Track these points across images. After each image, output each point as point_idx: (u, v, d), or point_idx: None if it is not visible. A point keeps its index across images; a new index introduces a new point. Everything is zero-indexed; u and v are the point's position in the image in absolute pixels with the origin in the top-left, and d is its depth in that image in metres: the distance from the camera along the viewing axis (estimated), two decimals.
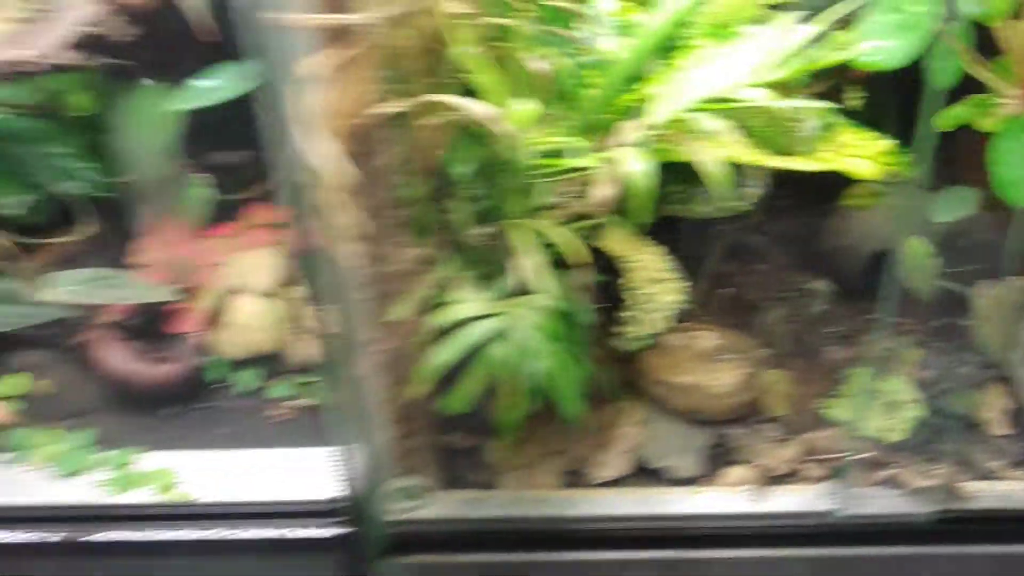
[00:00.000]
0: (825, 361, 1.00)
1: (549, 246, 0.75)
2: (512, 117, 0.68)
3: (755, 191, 0.87)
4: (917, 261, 0.85)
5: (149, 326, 1.00)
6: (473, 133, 0.72)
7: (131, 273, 1.02)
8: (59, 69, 0.97)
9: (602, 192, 0.72)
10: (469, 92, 0.70)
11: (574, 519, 0.82)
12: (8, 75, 0.96)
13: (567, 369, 0.75)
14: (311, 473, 0.83)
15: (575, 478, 0.88)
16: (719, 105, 0.71)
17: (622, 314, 0.84)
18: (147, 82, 1.06)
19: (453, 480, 0.84)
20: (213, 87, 1.00)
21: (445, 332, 0.73)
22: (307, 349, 0.99)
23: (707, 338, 0.97)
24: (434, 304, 0.74)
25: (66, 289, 0.96)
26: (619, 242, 0.82)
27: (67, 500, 0.81)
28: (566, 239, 0.74)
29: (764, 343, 1.00)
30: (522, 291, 0.76)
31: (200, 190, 1.10)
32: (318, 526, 0.78)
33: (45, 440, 0.90)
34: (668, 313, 0.86)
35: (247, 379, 0.98)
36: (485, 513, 0.81)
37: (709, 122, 0.70)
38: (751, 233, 1.06)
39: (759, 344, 1.00)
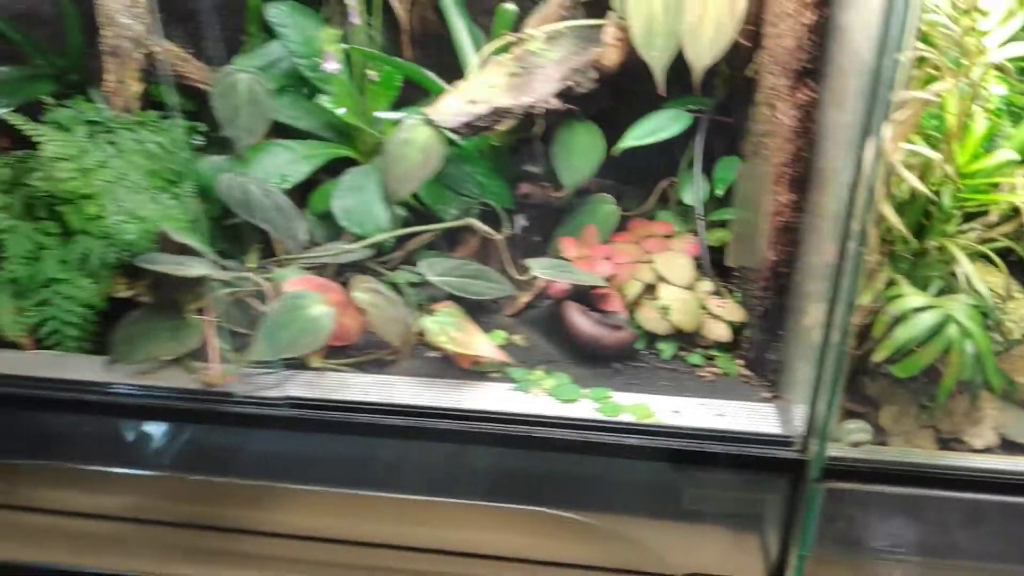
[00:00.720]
0: None
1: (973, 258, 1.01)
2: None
3: None
4: None
5: (588, 303, 1.31)
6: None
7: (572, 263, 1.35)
8: (548, 111, 1.31)
9: None
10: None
11: (963, 468, 1.06)
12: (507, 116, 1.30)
13: (989, 352, 1.00)
14: (755, 415, 1.10)
15: (953, 444, 1.12)
16: None
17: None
18: (587, 121, 1.40)
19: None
20: (653, 129, 1.32)
21: (899, 318, 0.99)
22: (715, 330, 1.27)
23: None
24: (888, 296, 1.01)
25: (539, 270, 1.28)
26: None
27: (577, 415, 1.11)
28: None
29: None
30: (949, 291, 1.02)
31: (609, 206, 1.43)
32: (775, 449, 1.05)
33: (539, 377, 1.21)
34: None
35: (669, 350, 1.28)
36: (895, 458, 1.05)
37: None
38: None
39: None
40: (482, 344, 1.18)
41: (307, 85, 1.51)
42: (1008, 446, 1.12)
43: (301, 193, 1.44)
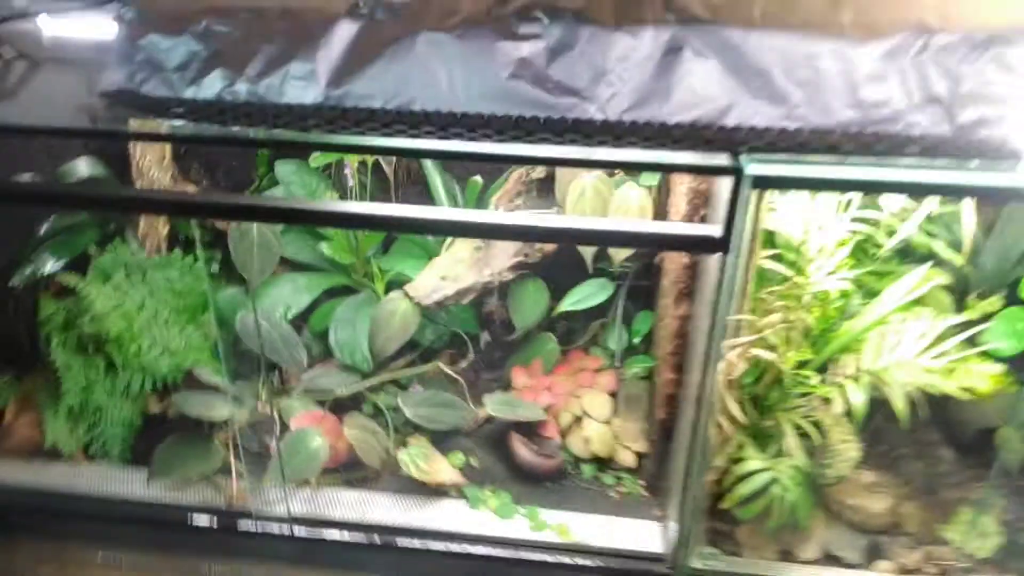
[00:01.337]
0: (944, 499, 1.61)
1: (799, 429, 1.40)
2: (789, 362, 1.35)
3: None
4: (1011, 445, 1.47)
5: (529, 427, 1.68)
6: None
7: (518, 397, 1.72)
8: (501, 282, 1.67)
9: (837, 407, 1.37)
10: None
11: None
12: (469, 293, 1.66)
13: (805, 499, 1.40)
14: (645, 534, 1.49)
15: (787, 556, 1.52)
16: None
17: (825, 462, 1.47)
18: (536, 278, 1.76)
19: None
20: (585, 295, 1.69)
21: (741, 477, 1.37)
22: (625, 457, 1.66)
23: (869, 477, 1.60)
24: (734, 458, 1.39)
25: (492, 408, 1.65)
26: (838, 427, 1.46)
27: (509, 535, 1.48)
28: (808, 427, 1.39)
29: (905, 483, 1.62)
30: (782, 454, 1.41)
31: (552, 344, 1.80)
32: (646, 566, 1.43)
33: (487, 496, 1.58)
34: (849, 463, 1.50)
35: (589, 470, 1.66)
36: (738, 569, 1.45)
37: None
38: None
39: (902, 483, 1.61)
40: (444, 471, 1.55)
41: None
42: (829, 558, 1.52)
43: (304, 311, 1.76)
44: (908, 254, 1.42)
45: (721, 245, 1.09)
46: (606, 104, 1.06)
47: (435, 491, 1.55)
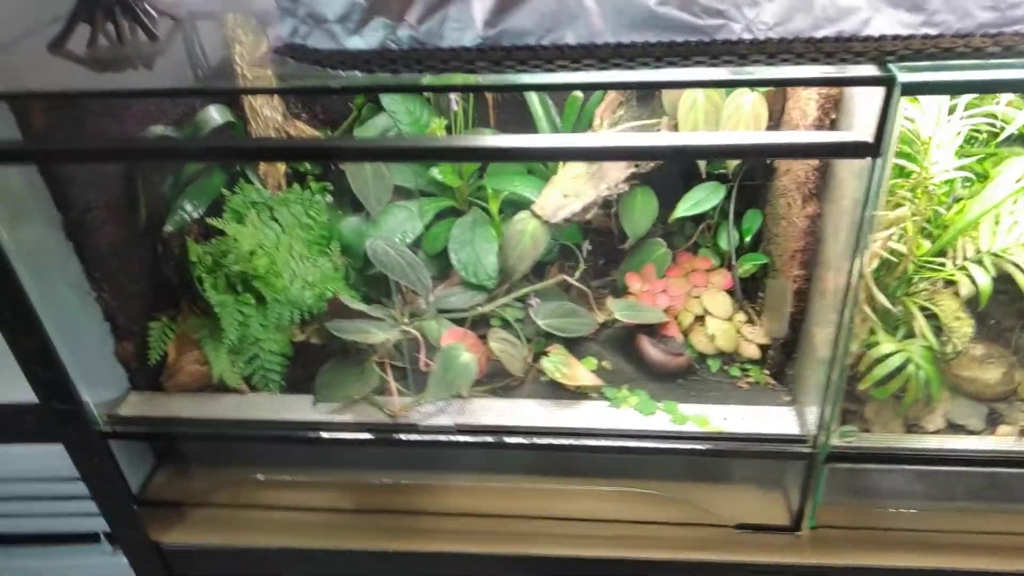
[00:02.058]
0: None
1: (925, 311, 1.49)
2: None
3: None
4: None
5: (652, 329, 1.78)
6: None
7: (636, 301, 1.81)
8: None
9: (965, 290, 1.45)
10: None
11: (922, 450, 1.57)
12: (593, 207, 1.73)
13: (935, 378, 1.49)
14: (781, 418, 1.61)
15: (914, 428, 1.63)
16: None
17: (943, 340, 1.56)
18: (645, 187, 1.83)
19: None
20: (698, 201, 1.76)
21: (877, 360, 1.47)
22: (748, 350, 1.76)
23: (980, 350, 1.69)
24: (869, 343, 1.49)
25: (619, 313, 1.75)
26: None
27: (654, 428, 1.61)
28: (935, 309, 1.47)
29: (1014, 353, 1.71)
30: (910, 335, 1.50)
31: (662, 249, 1.88)
32: (796, 446, 1.55)
33: (625, 395, 1.70)
34: (964, 338, 1.59)
35: (715, 365, 1.76)
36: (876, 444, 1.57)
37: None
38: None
39: (1011, 353, 1.71)
40: (583, 375, 1.66)
41: None
42: (952, 427, 1.63)
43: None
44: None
45: (872, 150, 1.15)
46: (752, 24, 1.10)
47: (575, 394, 1.66)
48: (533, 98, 1.89)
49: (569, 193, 1.67)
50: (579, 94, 1.85)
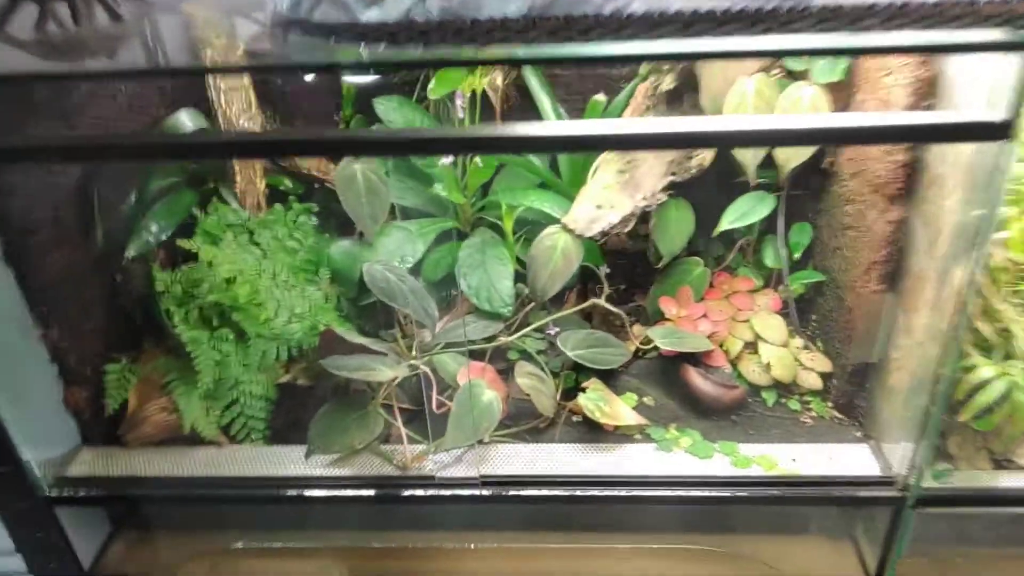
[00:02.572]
0: None
1: None
2: None
3: None
4: None
5: (695, 357, 1.55)
6: None
7: (677, 327, 1.58)
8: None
9: None
10: None
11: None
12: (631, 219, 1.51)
13: None
14: (858, 456, 1.38)
15: (1004, 463, 1.42)
16: None
17: None
18: (679, 198, 1.61)
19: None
20: (745, 211, 1.55)
21: (978, 386, 1.26)
22: (808, 380, 1.54)
23: None
24: (964, 367, 1.28)
25: (660, 342, 1.52)
26: None
27: (714, 473, 1.37)
28: None
29: None
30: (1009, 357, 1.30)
31: (700, 268, 1.66)
32: (875, 491, 1.33)
33: (675, 436, 1.46)
34: None
35: (771, 398, 1.54)
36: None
37: None
38: None
39: None
40: (626, 414, 1.42)
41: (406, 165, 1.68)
42: None
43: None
44: None
45: (1001, 131, 0.95)
46: None
47: (615, 435, 1.42)
48: (545, 104, 1.68)
49: (603, 204, 1.45)
50: (602, 97, 1.64)
